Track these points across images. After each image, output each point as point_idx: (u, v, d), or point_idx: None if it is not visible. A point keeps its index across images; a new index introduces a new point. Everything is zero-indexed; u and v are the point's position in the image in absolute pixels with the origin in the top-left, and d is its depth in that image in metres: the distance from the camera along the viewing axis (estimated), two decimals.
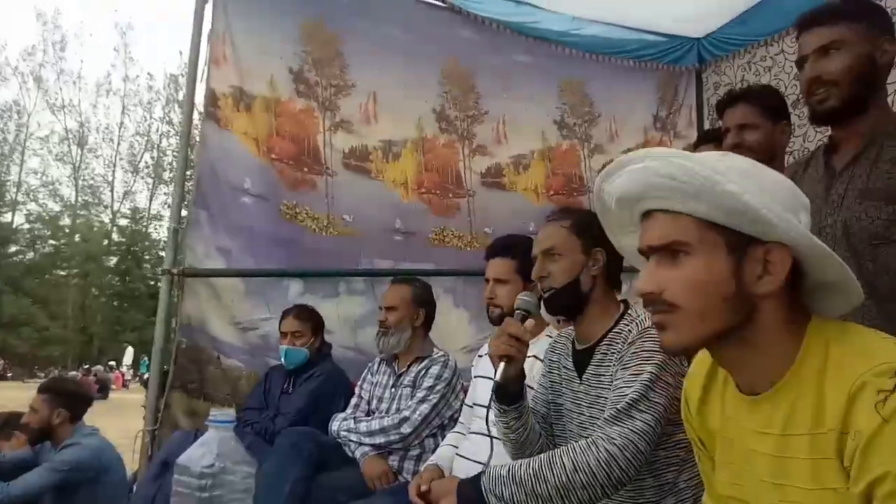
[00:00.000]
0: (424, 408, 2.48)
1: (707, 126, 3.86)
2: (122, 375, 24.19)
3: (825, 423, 0.86)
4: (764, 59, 3.60)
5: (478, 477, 1.39)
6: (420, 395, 2.51)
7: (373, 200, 3.44)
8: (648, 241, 0.96)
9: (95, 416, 3.56)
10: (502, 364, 1.50)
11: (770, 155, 2.19)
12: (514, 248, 2.18)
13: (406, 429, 2.45)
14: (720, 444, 1.06)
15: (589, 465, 1.33)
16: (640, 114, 3.97)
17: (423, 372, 2.57)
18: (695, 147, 2.82)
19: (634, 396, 1.40)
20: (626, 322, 1.57)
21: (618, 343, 1.54)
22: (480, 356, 2.33)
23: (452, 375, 2.57)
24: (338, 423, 2.60)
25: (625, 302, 1.68)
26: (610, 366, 1.53)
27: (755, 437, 0.96)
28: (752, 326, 0.92)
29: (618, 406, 1.40)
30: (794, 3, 2.70)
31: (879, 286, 1.51)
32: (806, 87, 1.63)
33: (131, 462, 3.14)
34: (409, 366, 2.64)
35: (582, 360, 1.63)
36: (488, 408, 1.55)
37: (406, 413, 2.47)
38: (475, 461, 2.01)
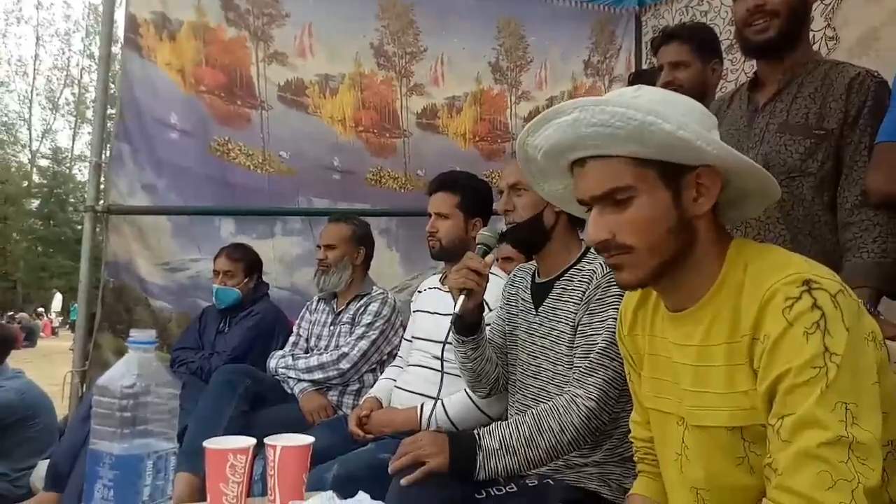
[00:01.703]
0: (363, 344, 2.49)
1: (646, 65, 3.90)
2: (51, 322, 23.39)
3: (739, 331, 0.92)
4: (700, 2, 3.64)
5: (472, 446, 1.44)
6: (359, 331, 2.52)
7: (310, 137, 3.36)
8: (588, 191, 0.98)
9: (22, 363, 3.44)
10: (462, 297, 1.54)
11: (701, 93, 2.24)
12: (458, 182, 2.19)
13: (345, 364, 2.47)
14: (647, 361, 1.13)
15: (573, 423, 1.42)
16: (572, 59, 3.95)
17: (362, 309, 2.58)
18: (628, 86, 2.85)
19: (603, 345, 1.46)
20: (588, 260, 1.60)
21: (577, 279, 1.57)
22: (420, 292, 2.36)
23: (392, 312, 2.59)
24: (275, 361, 2.60)
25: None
26: (570, 301, 1.56)
27: (679, 349, 1.03)
28: (692, 248, 0.98)
29: (590, 356, 1.46)
30: None
31: (793, 217, 1.59)
32: (745, 18, 1.66)
33: (62, 407, 3.07)
34: (347, 303, 2.64)
35: (540, 292, 1.67)
36: (444, 342, 1.58)
37: (345, 349, 2.49)
38: (414, 392, 2.06)
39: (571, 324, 1.55)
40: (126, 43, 3.01)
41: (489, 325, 1.85)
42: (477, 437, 1.46)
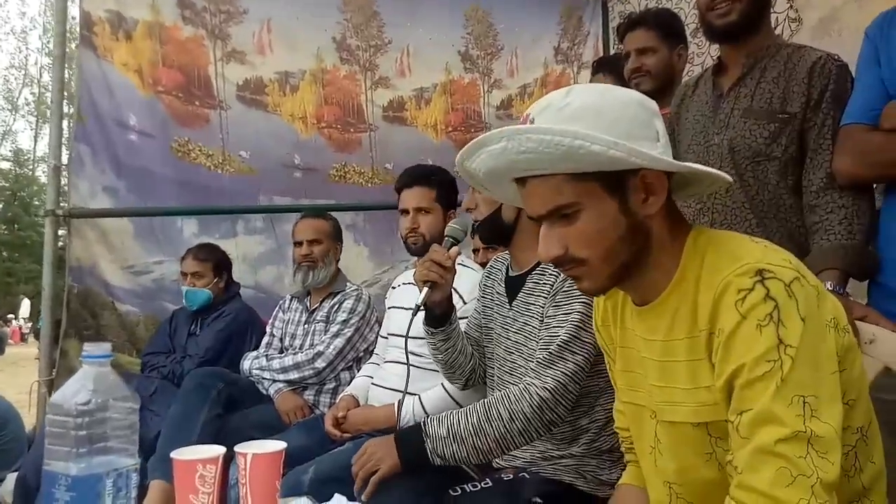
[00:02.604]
0: (339, 342, 2.47)
1: (613, 51, 3.89)
2: (20, 329, 22.87)
3: (698, 326, 0.92)
4: None
5: (418, 435, 1.45)
6: (334, 329, 2.49)
7: (270, 136, 3.33)
8: (534, 210, 0.98)
9: None
10: (426, 288, 1.54)
11: (668, 78, 2.25)
12: (433, 176, 2.18)
13: (320, 363, 2.44)
14: (619, 354, 1.12)
15: (524, 412, 1.41)
16: (542, 46, 3.93)
17: (336, 306, 2.55)
18: (592, 75, 2.86)
19: (565, 338, 1.44)
20: None
21: (549, 273, 1.56)
22: (394, 287, 2.34)
23: (366, 308, 2.56)
24: (249, 362, 2.56)
25: None
26: (540, 295, 1.56)
27: (645, 344, 1.02)
28: (647, 248, 0.97)
29: (550, 348, 1.45)
30: None
31: (759, 201, 1.60)
32: (707, 2, 1.66)
33: (29, 417, 2.99)
34: (321, 301, 2.61)
35: (514, 285, 1.66)
36: (406, 336, 1.57)
37: (320, 347, 2.46)
38: (390, 389, 2.05)
39: (540, 318, 1.54)
40: (82, 41, 2.94)
41: (465, 318, 1.84)
42: (423, 426, 1.46)
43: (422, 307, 1.57)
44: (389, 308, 2.29)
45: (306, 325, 2.60)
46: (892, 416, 1.03)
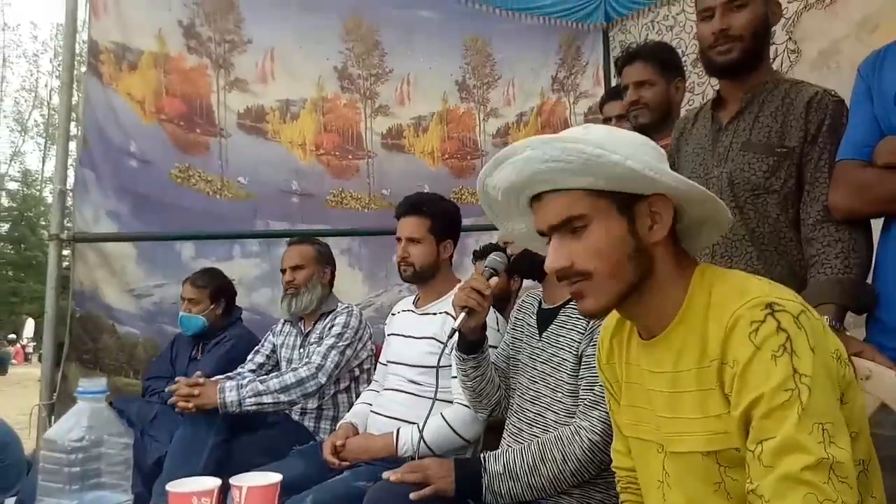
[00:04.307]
0: (335, 354, 2.42)
1: (613, 83, 3.94)
2: (24, 349, 22.85)
3: (708, 356, 0.94)
4: (666, 18, 3.69)
5: (476, 470, 1.53)
6: (329, 342, 2.44)
7: (269, 162, 3.37)
8: (546, 221, 1.01)
9: None
10: (463, 314, 1.60)
11: (666, 110, 2.27)
12: (427, 205, 2.18)
13: (322, 377, 2.38)
14: (625, 390, 1.13)
15: (576, 454, 1.47)
16: (540, 75, 3.99)
17: (329, 325, 2.52)
18: (601, 104, 2.88)
19: None
20: None
21: None
22: (394, 314, 2.34)
23: (359, 325, 2.53)
24: (235, 394, 2.26)
25: None
26: (573, 329, 1.60)
27: (652, 377, 1.04)
28: (652, 274, 1.00)
29: (594, 388, 1.50)
30: None
31: (759, 234, 1.61)
32: (710, 40, 1.67)
33: (30, 440, 2.99)
34: (314, 323, 2.60)
35: (546, 318, 1.70)
36: (438, 362, 1.66)
37: (318, 360, 2.40)
38: (390, 417, 2.05)
39: (575, 352, 1.58)
40: (89, 68, 2.98)
41: (494, 347, 1.87)
42: (483, 460, 1.53)
43: (457, 331, 1.62)
44: (389, 335, 2.29)
45: (301, 349, 2.59)
46: (890, 452, 1.03)
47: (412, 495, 1.52)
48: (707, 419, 0.94)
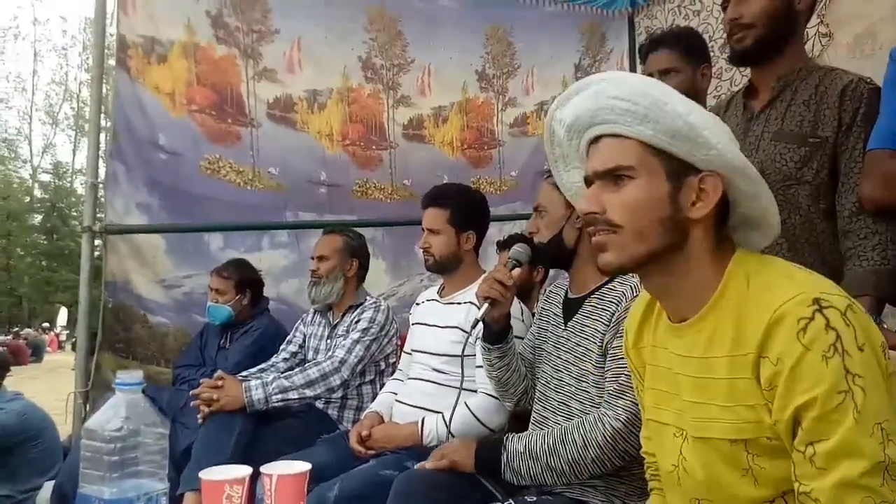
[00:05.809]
0: (359, 349, 2.46)
1: (639, 71, 3.88)
2: (57, 337, 23.42)
3: (744, 347, 0.92)
4: (693, 2, 3.62)
5: (496, 447, 1.55)
6: (354, 336, 2.48)
7: (298, 153, 3.38)
8: (594, 166, 1.01)
9: (29, 379, 3.47)
10: (486, 304, 1.62)
11: (692, 98, 2.22)
12: (448, 197, 2.19)
13: (346, 372, 2.42)
14: (649, 373, 1.12)
15: (597, 440, 1.46)
16: (561, 64, 3.93)
17: (356, 318, 2.56)
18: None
19: None
20: (620, 281, 1.59)
21: (608, 299, 1.58)
22: (418, 304, 2.36)
23: (385, 320, 2.56)
24: (262, 391, 2.32)
25: None
26: (598, 320, 1.59)
27: (680, 361, 1.02)
28: (682, 251, 0.98)
29: (620, 379, 1.48)
30: None
31: (791, 225, 1.58)
32: (727, 29, 1.68)
33: (66, 425, 3.07)
34: (343, 315, 2.63)
35: (572, 307, 1.70)
36: (462, 352, 1.68)
37: (341, 354, 2.44)
38: (414, 406, 2.07)
39: (599, 343, 1.57)
40: (118, 62, 3.03)
41: (520, 338, 1.88)
42: (505, 439, 1.56)
43: (481, 321, 1.64)
44: (414, 325, 2.30)
45: (329, 340, 2.62)
46: None
47: (427, 465, 1.60)
48: (738, 407, 0.93)
